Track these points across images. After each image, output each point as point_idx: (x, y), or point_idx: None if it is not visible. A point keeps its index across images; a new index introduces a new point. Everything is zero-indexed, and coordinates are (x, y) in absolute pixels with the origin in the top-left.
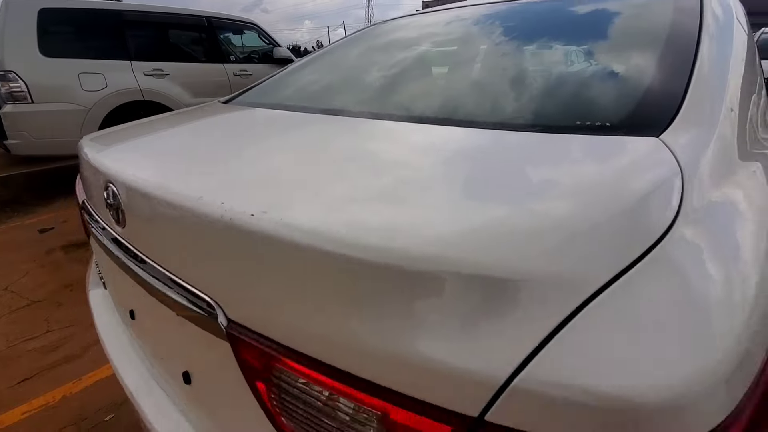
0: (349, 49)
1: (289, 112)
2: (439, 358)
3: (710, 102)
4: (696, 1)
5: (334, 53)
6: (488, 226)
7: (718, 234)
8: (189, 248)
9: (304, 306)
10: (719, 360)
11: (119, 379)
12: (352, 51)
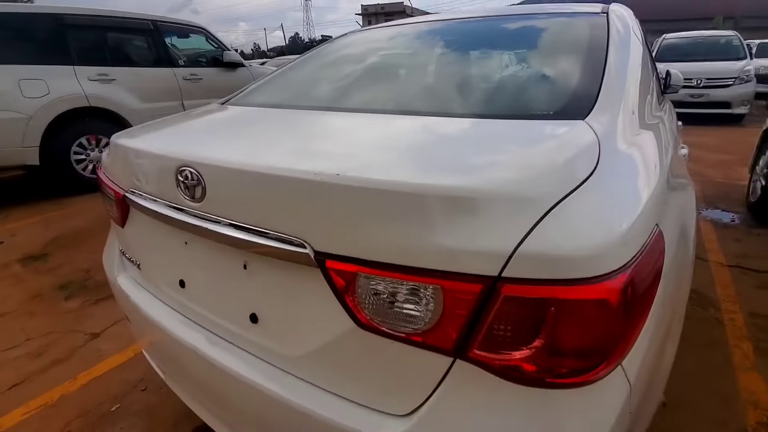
0: (330, 56)
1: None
2: (472, 246)
3: (615, 96)
4: (604, 20)
5: (316, 60)
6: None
7: (622, 167)
8: (280, 205)
9: (366, 230)
10: (625, 232)
11: (170, 344)
12: (332, 57)
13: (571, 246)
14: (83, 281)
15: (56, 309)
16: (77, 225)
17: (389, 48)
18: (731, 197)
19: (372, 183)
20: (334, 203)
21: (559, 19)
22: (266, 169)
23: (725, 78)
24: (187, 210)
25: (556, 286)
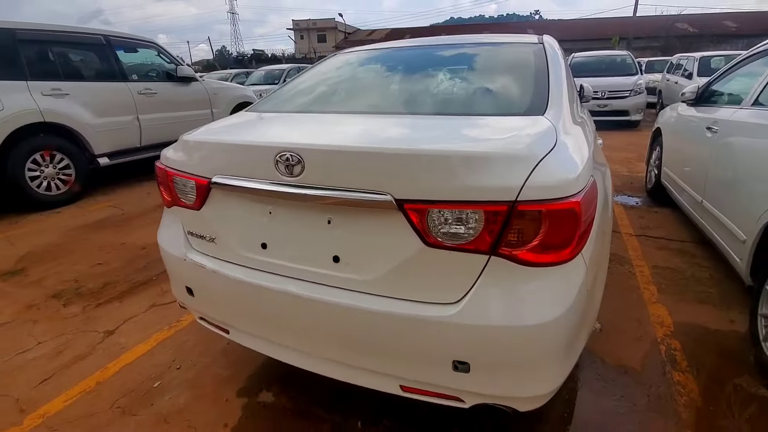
0: (333, 71)
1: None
2: (500, 184)
3: (557, 101)
4: (541, 48)
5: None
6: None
7: (572, 141)
8: (367, 171)
9: (431, 180)
10: (579, 172)
11: (253, 296)
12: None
13: (551, 181)
14: (75, 290)
15: (58, 315)
16: (45, 241)
17: (389, 63)
18: (634, 186)
19: (434, 151)
20: (407, 166)
21: (513, 47)
22: (357, 148)
23: (623, 90)
24: (279, 188)
25: (545, 204)
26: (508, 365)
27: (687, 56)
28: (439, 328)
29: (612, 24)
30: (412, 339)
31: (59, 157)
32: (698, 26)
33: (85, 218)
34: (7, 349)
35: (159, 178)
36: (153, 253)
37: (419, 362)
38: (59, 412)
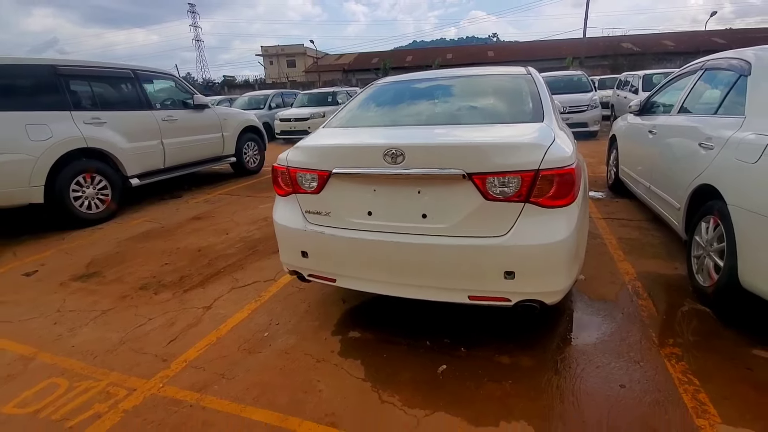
0: (386, 91)
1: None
2: (529, 160)
3: (548, 113)
4: (530, 76)
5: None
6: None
7: (562, 137)
8: (446, 157)
9: (488, 161)
10: (571, 153)
11: (361, 247)
12: (389, 91)
13: (557, 157)
14: (158, 283)
15: (153, 301)
16: (102, 251)
17: (427, 90)
18: (598, 183)
19: (488, 143)
20: (472, 153)
21: (511, 76)
22: (440, 145)
23: (581, 105)
24: (387, 171)
25: (555, 170)
26: (538, 270)
27: (632, 74)
28: (495, 251)
29: (565, 45)
30: (477, 261)
31: (98, 179)
32: (641, 45)
33: (130, 231)
34: (125, 325)
35: (278, 175)
36: (210, 253)
37: (482, 277)
38: (196, 358)
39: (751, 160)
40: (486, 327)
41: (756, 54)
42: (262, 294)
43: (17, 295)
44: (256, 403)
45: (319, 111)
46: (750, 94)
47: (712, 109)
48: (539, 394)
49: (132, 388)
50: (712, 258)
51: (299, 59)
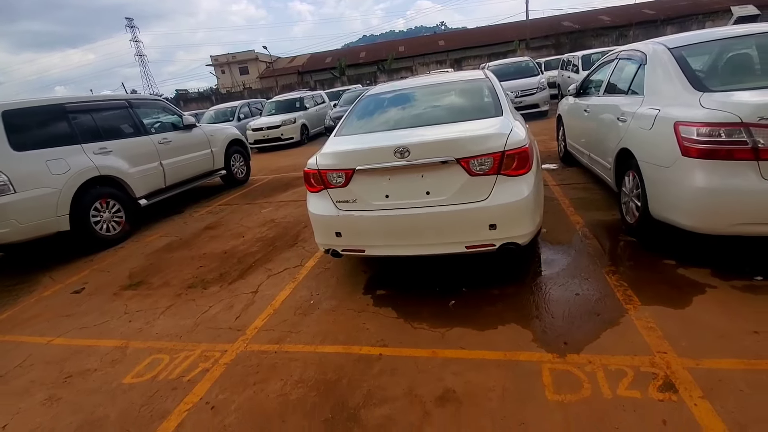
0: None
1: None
2: (497, 144)
3: (505, 107)
4: (488, 79)
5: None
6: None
7: (517, 125)
8: (441, 149)
9: (468, 148)
10: (524, 137)
11: (383, 221)
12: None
13: (515, 141)
14: (201, 281)
15: (205, 294)
16: (135, 264)
17: (412, 96)
18: (551, 157)
19: (470, 136)
20: (459, 143)
21: (475, 80)
22: (436, 140)
23: (531, 89)
24: (397, 164)
25: (515, 150)
26: (512, 221)
27: (573, 55)
28: (481, 211)
29: (510, 29)
30: (469, 220)
31: (112, 203)
32: (580, 23)
33: (151, 246)
34: (192, 314)
35: (310, 177)
36: (236, 254)
37: (473, 230)
38: (264, 325)
39: (647, 128)
40: (479, 274)
41: (650, 47)
42: (296, 276)
43: (79, 308)
44: (323, 342)
45: (289, 117)
46: (646, 79)
47: (625, 91)
48: (522, 307)
49: (223, 350)
50: (634, 201)
51: (252, 65)
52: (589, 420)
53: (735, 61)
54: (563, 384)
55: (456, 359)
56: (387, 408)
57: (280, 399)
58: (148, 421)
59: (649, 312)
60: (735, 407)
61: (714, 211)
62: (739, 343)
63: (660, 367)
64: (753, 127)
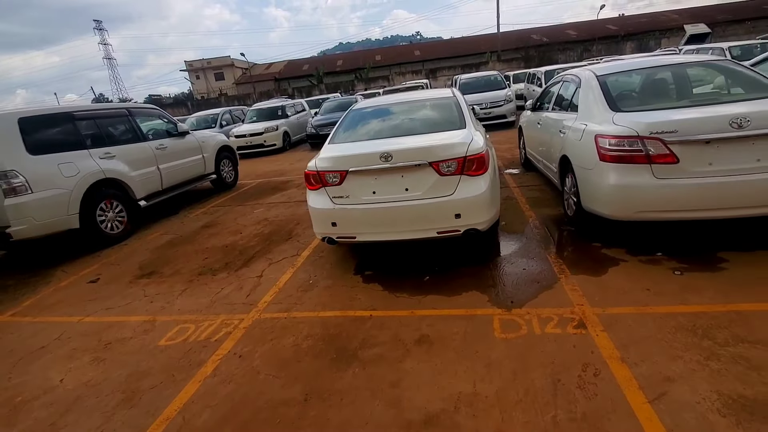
0: (363, 115)
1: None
2: (461, 151)
3: (468, 121)
4: (454, 97)
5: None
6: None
7: (478, 136)
8: (417, 155)
9: (437, 154)
10: (482, 145)
11: (372, 213)
12: (365, 114)
13: (475, 148)
14: (210, 270)
15: (215, 279)
16: (142, 258)
17: (391, 110)
18: (515, 163)
19: (439, 144)
20: (431, 150)
21: (445, 98)
22: (414, 148)
23: (499, 101)
24: (382, 166)
25: (474, 155)
26: (473, 211)
27: (537, 70)
28: (448, 203)
29: (482, 40)
30: (439, 210)
31: (115, 204)
32: (548, 36)
33: (154, 243)
34: (207, 294)
35: (311, 176)
36: (237, 247)
37: (442, 219)
38: (272, 300)
39: (578, 139)
40: (449, 257)
41: (584, 73)
42: (295, 263)
43: (99, 294)
44: (324, 309)
45: (272, 125)
46: (580, 100)
47: (565, 109)
48: (482, 279)
49: (240, 318)
50: (572, 198)
51: (228, 71)
52: (523, 347)
53: (645, 87)
54: (508, 327)
55: (429, 316)
56: (378, 349)
57: (294, 348)
58: (188, 368)
59: (576, 279)
60: (623, 335)
61: (622, 202)
62: (634, 297)
63: (576, 314)
64: (646, 140)
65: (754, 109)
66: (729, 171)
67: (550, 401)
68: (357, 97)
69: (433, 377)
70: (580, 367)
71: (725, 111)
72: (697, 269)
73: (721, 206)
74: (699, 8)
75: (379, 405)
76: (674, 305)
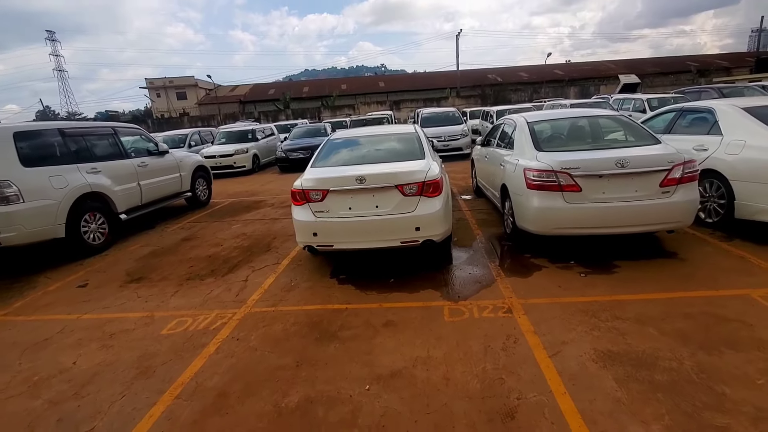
0: (338, 144)
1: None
2: (420, 177)
3: (426, 152)
4: (416, 132)
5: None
6: (416, 167)
7: (434, 165)
8: (387, 179)
9: (401, 179)
10: (438, 173)
11: (349, 226)
12: (340, 144)
13: (431, 175)
14: (197, 275)
15: (204, 283)
16: (129, 267)
17: (363, 141)
18: (468, 190)
19: (403, 171)
20: (397, 175)
21: (408, 133)
22: (383, 173)
23: (456, 135)
24: (357, 187)
25: (431, 181)
26: (430, 225)
27: (491, 109)
28: (410, 219)
29: (443, 77)
30: (402, 224)
31: (98, 216)
32: (503, 76)
33: (137, 253)
34: (198, 294)
35: (297, 194)
36: (219, 257)
37: (405, 231)
38: (259, 298)
39: (513, 171)
40: (410, 265)
41: (519, 119)
42: (276, 270)
43: (92, 296)
44: (307, 304)
45: (242, 147)
46: (515, 140)
47: (506, 146)
48: (436, 281)
49: (233, 312)
50: (509, 218)
51: (190, 91)
52: (465, 326)
53: (564, 133)
54: (454, 313)
55: (394, 308)
56: (353, 330)
57: (283, 331)
58: (192, 349)
59: (508, 281)
60: (537, 316)
61: (543, 221)
62: (549, 291)
63: (506, 304)
64: (558, 173)
65: (632, 153)
66: (617, 198)
67: (482, 359)
68: (324, 124)
69: (397, 347)
70: (504, 337)
71: (613, 154)
72: (597, 272)
73: (612, 225)
74: (633, 60)
75: (356, 366)
76: (576, 297)
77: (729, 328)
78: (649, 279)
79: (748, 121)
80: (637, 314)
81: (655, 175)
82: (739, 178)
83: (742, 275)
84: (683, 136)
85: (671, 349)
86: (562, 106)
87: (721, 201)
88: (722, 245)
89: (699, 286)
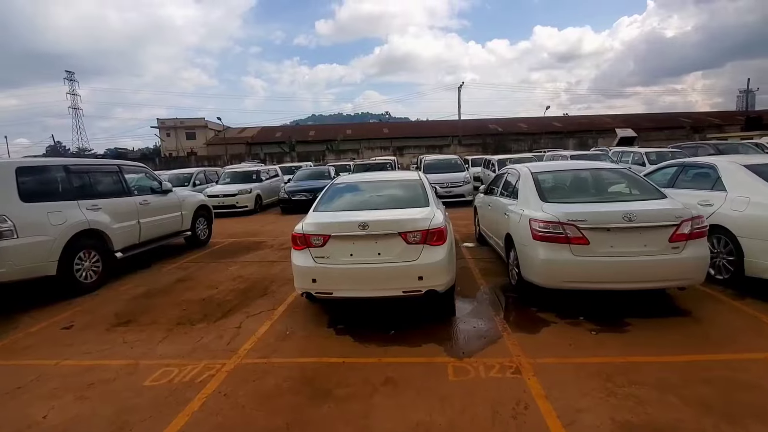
0: (342, 189)
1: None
2: (424, 226)
3: (431, 200)
4: (420, 179)
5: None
6: (420, 215)
7: (438, 213)
8: (389, 226)
9: (405, 226)
10: (442, 221)
11: (348, 272)
12: (343, 189)
13: (436, 223)
14: (188, 320)
15: (195, 329)
16: (120, 308)
17: (367, 186)
18: (470, 237)
19: (407, 218)
20: (400, 222)
21: (412, 179)
22: (387, 220)
23: (458, 182)
24: (360, 233)
25: (435, 229)
26: (433, 275)
27: (492, 157)
28: (413, 267)
29: (445, 125)
30: (405, 273)
31: (93, 254)
32: (503, 126)
33: (129, 294)
34: (188, 342)
35: (297, 238)
36: (214, 301)
37: (408, 280)
38: (252, 347)
39: (518, 221)
40: (412, 316)
41: (522, 169)
42: (272, 316)
43: (75, 340)
44: (301, 357)
45: (245, 188)
46: (520, 190)
47: (509, 195)
48: (439, 334)
49: (222, 363)
50: (515, 268)
51: (200, 132)
52: (470, 387)
53: (568, 184)
54: (459, 372)
55: (394, 363)
56: (350, 388)
57: (275, 387)
58: (175, 404)
59: (515, 336)
60: (548, 378)
61: (550, 273)
62: (560, 350)
63: (514, 362)
64: (565, 225)
65: (639, 207)
66: (625, 252)
67: (490, 427)
68: (328, 167)
69: (397, 409)
70: (514, 402)
71: (620, 207)
72: (608, 330)
73: (621, 280)
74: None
75: (351, 431)
76: (588, 357)
77: (751, 396)
78: (664, 339)
79: (751, 179)
80: (655, 379)
81: (664, 230)
82: (746, 234)
83: (758, 337)
84: (686, 191)
85: (695, 420)
86: (562, 157)
87: (730, 257)
88: (735, 303)
89: (716, 348)
